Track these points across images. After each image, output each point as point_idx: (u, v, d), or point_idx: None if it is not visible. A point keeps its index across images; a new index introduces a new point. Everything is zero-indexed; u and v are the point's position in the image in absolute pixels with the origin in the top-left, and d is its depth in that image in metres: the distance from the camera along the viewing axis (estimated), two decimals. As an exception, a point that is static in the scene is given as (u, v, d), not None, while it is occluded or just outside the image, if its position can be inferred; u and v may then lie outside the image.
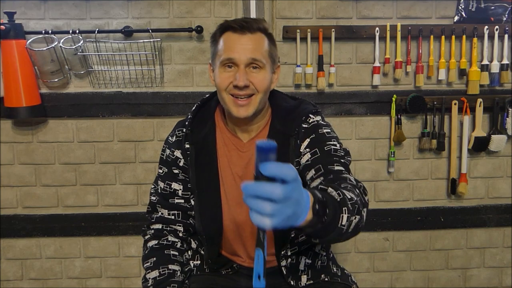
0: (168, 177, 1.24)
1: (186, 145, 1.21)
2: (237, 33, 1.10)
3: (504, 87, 1.95)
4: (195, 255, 1.29)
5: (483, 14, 1.89)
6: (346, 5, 1.87)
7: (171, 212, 1.25)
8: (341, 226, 0.84)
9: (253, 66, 1.10)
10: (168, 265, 1.19)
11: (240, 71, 1.09)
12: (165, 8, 1.85)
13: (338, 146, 1.13)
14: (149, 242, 1.25)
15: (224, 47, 1.11)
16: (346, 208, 0.85)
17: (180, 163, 1.22)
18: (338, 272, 1.27)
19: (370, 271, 2.05)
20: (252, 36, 1.10)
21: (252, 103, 1.11)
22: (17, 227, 1.93)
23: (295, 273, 1.21)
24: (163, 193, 1.25)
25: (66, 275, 1.99)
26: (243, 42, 1.10)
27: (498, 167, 2.01)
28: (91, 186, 1.93)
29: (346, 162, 1.10)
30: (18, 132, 1.89)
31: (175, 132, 1.25)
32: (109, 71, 1.86)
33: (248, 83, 1.09)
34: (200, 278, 1.25)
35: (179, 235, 1.26)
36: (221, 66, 1.12)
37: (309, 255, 1.23)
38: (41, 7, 1.82)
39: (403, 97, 1.89)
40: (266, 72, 1.12)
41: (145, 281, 1.19)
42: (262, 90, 1.11)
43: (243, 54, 1.09)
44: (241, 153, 1.19)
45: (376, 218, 2.00)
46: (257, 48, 1.10)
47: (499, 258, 2.08)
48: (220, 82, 1.12)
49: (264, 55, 1.11)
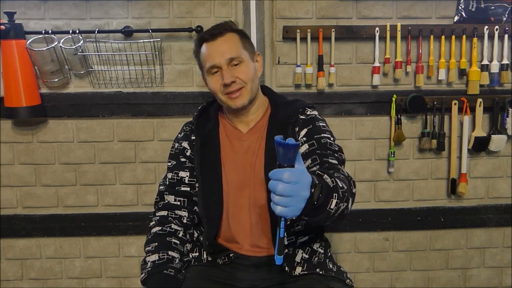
0: (176, 167, 1.35)
1: (192, 137, 1.35)
2: (210, 41, 1.28)
3: (504, 87, 1.95)
4: (194, 248, 1.35)
5: (483, 14, 1.89)
6: (346, 5, 1.87)
7: (177, 198, 1.33)
8: (329, 210, 0.95)
9: (233, 63, 1.26)
10: (168, 251, 1.24)
11: (224, 71, 1.25)
12: (165, 8, 1.85)
13: (332, 140, 1.24)
14: (153, 228, 1.31)
15: (205, 57, 1.29)
16: (336, 194, 0.96)
17: (187, 153, 1.35)
18: (334, 268, 1.30)
19: (370, 271, 2.06)
20: (223, 38, 1.27)
21: (244, 93, 1.26)
22: (17, 227, 1.93)
23: (291, 263, 1.25)
24: (171, 182, 1.34)
25: (66, 275, 1.99)
26: (217, 46, 1.26)
27: (498, 167, 2.01)
28: (91, 186, 1.94)
29: (339, 157, 1.20)
30: (18, 132, 1.89)
31: (183, 129, 1.40)
32: (109, 71, 1.86)
33: (234, 79, 1.24)
34: (197, 269, 1.31)
35: (183, 221, 1.32)
36: (209, 74, 1.29)
37: (306, 251, 1.28)
38: (41, 7, 1.82)
39: (403, 97, 1.89)
40: (247, 63, 1.28)
41: (144, 263, 1.23)
42: (248, 79, 1.26)
43: (221, 57, 1.25)
44: (241, 142, 1.32)
45: (376, 218, 2.00)
46: (231, 46, 1.26)
47: (499, 258, 2.08)
48: (213, 86, 1.28)
49: (239, 51, 1.27)
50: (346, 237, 2.03)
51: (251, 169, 1.28)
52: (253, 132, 1.32)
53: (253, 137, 1.31)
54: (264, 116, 1.33)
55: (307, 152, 1.21)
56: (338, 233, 2.02)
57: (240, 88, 1.25)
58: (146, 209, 1.94)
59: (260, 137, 1.30)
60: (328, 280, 1.23)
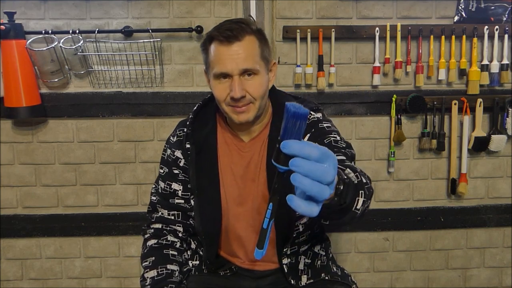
0: (168, 177, 1.25)
1: (186, 145, 1.21)
2: (224, 45, 1.07)
3: (504, 87, 1.95)
4: (194, 255, 1.29)
5: (483, 14, 1.89)
6: (346, 5, 1.87)
7: (171, 212, 1.25)
8: (355, 210, 0.82)
9: (247, 73, 1.09)
10: (166, 265, 1.19)
11: (235, 81, 1.07)
12: (165, 8, 1.85)
13: (338, 138, 1.12)
14: (149, 241, 1.25)
15: (214, 59, 1.09)
16: (362, 192, 0.83)
17: (181, 163, 1.23)
18: (338, 272, 1.28)
19: (370, 271, 2.05)
20: (240, 43, 1.07)
21: (251, 109, 1.11)
22: (17, 227, 1.93)
23: (295, 273, 1.21)
24: (163, 193, 1.25)
25: (66, 275, 1.99)
26: (232, 53, 1.06)
27: (498, 167, 2.01)
28: (91, 186, 1.94)
29: (348, 153, 1.08)
30: (18, 132, 1.89)
31: (176, 132, 1.25)
32: (109, 71, 1.86)
33: (244, 93, 1.08)
34: (198, 279, 1.26)
35: (179, 235, 1.26)
36: (215, 79, 1.11)
37: (308, 255, 1.24)
38: (41, 7, 1.82)
39: (403, 97, 1.89)
40: (262, 76, 1.10)
41: (143, 280, 1.18)
42: (259, 96, 1.10)
43: (234, 65, 1.06)
44: (242, 153, 1.19)
45: (376, 218, 2.00)
46: (248, 55, 1.07)
47: (499, 258, 2.08)
48: (218, 94, 1.11)
49: (256, 60, 1.09)
50: (346, 237, 2.03)
51: (253, 182, 1.18)
52: (255, 141, 1.19)
53: (255, 147, 1.19)
54: (268, 124, 1.20)
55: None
56: (338, 233, 2.02)
57: (247, 103, 1.10)
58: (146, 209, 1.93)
59: (263, 147, 1.18)
60: (333, 284, 1.21)
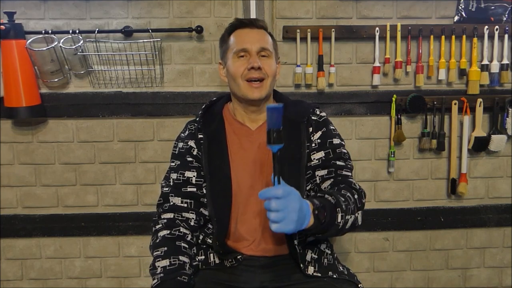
0: (181, 167, 1.31)
1: (199, 135, 1.32)
2: (247, 27, 1.29)
3: (504, 87, 1.95)
4: (199, 251, 1.32)
5: (483, 14, 1.89)
6: (346, 5, 1.87)
7: (184, 200, 1.28)
8: (337, 223, 1.07)
9: (262, 54, 1.27)
10: (179, 256, 1.20)
11: (253, 56, 1.25)
12: (165, 8, 1.85)
13: (343, 147, 1.30)
14: (161, 231, 1.25)
15: (236, 40, 1.28)
16: (339, 209, 1.07)
17: (194, 152, 1.31)
18: (345, 271, 1.30)
19: (370, 271, 2.06)
20: (259, 30, 1.30)
21: (264, 86, 1.26)
22: (17, 227, 1.93)
23: (303, 261, 1.25)
24: (176, 183, 1.30)
25: (66, 275, 1.99)
26: (253, 34, 1.28)
27: (498, 167, 2.01)
28: (91, 186, 1.94)
29: (350, 166, 1.27)
30: (18, 132, 1.89)
31: (188, 127, 1.37)
32: (109, 71, 1.86)
33: (261, 66, 1.24)
34: (204, 273, 1.28)
35: (191, 223, 1.28)
36: (234, 57, 1.27)
37: (315, 251, 1.28)
38: (41, 7, 1.82)
39: (403, 97, 1.89)
40: (273, 60, 1.29)
41: (154, 269, 1.18)
42: (271, 74, 1.26)
43: (254, 43, 1.26)
44: (251, 139, 1.30)
45: (376, 218, 2.00)
46: (265, 39, 1.29)
47: (499, 258, 2.08)
48: (235, 70, 1.26)
49: (270, 46, 1.29)
50: (346, 237, 2.03)
51: (262, 166, 1.26)
52: (262, 128, 1.29)
53: (262, 133, 1.27)
54: None
55: (323, 159, 1.25)
56: (338, 233, 2.02)
57: (262, 79, 1.25)
58: (146, 209, 1.94)
59: None
60: (340, 282, 1.23)
